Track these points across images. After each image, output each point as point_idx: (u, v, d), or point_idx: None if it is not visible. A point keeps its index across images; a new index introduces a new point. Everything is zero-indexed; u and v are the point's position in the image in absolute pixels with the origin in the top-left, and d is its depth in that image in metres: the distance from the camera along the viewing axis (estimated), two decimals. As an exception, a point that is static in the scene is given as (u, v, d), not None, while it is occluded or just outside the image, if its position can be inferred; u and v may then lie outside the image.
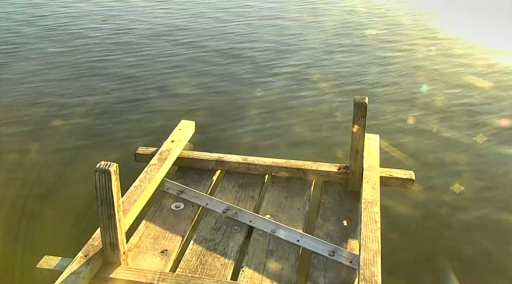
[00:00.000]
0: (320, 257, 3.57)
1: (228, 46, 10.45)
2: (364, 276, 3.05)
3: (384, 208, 4.05)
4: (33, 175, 5.67)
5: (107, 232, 3.17)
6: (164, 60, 9.54)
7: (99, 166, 2.97)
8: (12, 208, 5.08)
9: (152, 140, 5.77)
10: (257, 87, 8.30)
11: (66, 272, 3.09)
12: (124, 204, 3.64)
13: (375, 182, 4.03)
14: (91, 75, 8.73)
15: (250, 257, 3.57)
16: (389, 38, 11.37)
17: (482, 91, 8.36)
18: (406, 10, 14.30)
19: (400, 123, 7.13)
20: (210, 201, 4.17)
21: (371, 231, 3.43)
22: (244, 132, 6.78)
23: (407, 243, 4.72)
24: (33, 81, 8.41)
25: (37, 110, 7.31)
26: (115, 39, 10.83)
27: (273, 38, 11.12)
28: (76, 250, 3.33)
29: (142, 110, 7.39)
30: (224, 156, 4.68)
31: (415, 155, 6.15)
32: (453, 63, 9.71)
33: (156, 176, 4.09)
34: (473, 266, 4.51)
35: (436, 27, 12.49)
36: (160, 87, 8.26)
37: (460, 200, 5.39)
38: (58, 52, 9.91)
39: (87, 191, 4.56)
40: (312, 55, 10.00)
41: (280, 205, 4.18)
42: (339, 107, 7.53)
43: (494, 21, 13.36)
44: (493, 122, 7.18)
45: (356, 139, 4.14)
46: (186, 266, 3.49)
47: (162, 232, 3.82)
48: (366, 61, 9.74)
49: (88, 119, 7.11)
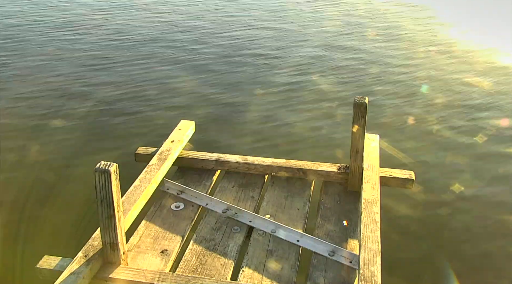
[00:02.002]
0: (320, 257, 3.57)
1: (228, 46, 10.45)
2: (364, 276, 3.05)
3: (384, 208, 4.05)
4: (33, 174, 5.67)
5: (107, 232, 3.17)
6: (164, 60, 9.54)
7: (99, 166, 2.96)
8: (12, 208, 5.08)
9: (152, 141, 5.77)
10: (257, 87, 8.31)
11: (66, 272, 3.09)
12: (124, 204, 3.64)
13: (375, 182, 4.03)
14: (91, 76, 8.73)
15: (250, 257, 3.57)
16: (389, 38, 11.38)
17: (482, 91, 8.36)
18: (406, 11, 14.30)
19: (400, 123, 7.13)
20: (210, 201, 4.17)
21: (371, 231, 3.43)
22: (244, 132, 6.78)
23: (407, 243, 4.72)
24: (33, 82, 8.41)
25: (37, 110, 7.31)
26: (115, 39, 10.83)
27: (273, 39, 11.13)
28: (76, 250, 3.32)
29: (142, 110, 7.39)
30: (224, 156, 4.67)
31: (415, 155, 6.15)
32: (453, 63, 9.71)
33: (156, 176, 4.09)
34: (473, 266, 4.51)
35: (436, 27, 12.50)
36: (160, 87, 8.26)
37: (460, 200, 5.39)
38: (58, 52, 9.92)
39: (87, 191, 4.56)
40: (312, 55, 10.01)
41: (280, 205, 4.18)
42: (339, 107, 7.53)
43: (494, 21, 13.37)
44: (493, 122, 7.18)
45: (356, 139, 4.13)
46: (186, 266, 3.49)
47: (162, 232, 3.82)
48: (366, 61, 9.74)
49: (88, 119, 7.11)
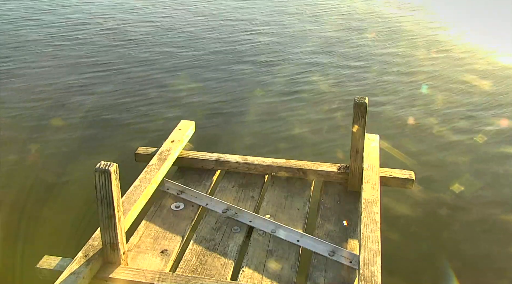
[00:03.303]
0: (320, 257, 3.57)
1: (228, 46, 10.45)
2: (364, 276, 3.05)
3: (384, 208, 4.05)
4: (33, 174, 5.67)
5: (107, 232, 3.17)
6: (164, 60, 9.54)
7: (99, 165, 2.96)
8: (12, 208, 5.08)
9: (152, 141, 5.76)
10: (257, 87, 8.30)
11: (66, 272, 3.08)
12: (124, 204, 3.64)
13: (375, 182, 4.02)
14: (91, 76, 8.72)
15: (250, 257, 3.57)
16: (390, 38, 11.37)
17: (482, 91, 8.36)
18: (406, 11, 14.29)
19: (400, 123, 7.13)
20: (210, 201, 4.17)
21: (371, 231, 3.43)
22: (244, 132, 6.78)
23: (407, 243, 4.72)
24: (32, 81, 8.40)
25: (37, 110, 7.31)
26: (115, 39, 10.83)
27: (273, 39, 11.12)
28: (76, 250, 3.32)
29: (142, 110, 7.39)
30: (224, 156, 4.67)
31: (415, 155, 6.15)
32: (453, 63, 9.72)
33: (156, 176, 4.09)
34: (473, 266, 4.51)
35: (436, 28, 12.50)
36: (160, 87, 8.25)
37: (460, 200, 5.39)
38: (58, 53, 9.91)
39: (87, 191, 4.55)
40: (313, 55, 10.00)
41: (280, 205, 4.18)
42: (339, 107, 7.53)
43: (494, 21, 13.36)
44: (493, 122, 7.18)
45: (356, 139, 4.13)
46: (186, 266, 3.48)
47: (162, 232, 3.82)
48: (366, 61, 9.74)
49: (88, 119, 7.10)
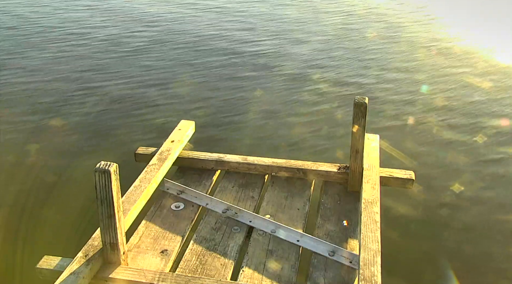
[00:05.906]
0: (320, 257, 3.57)
1: (228, 47, 10.45)
2: (364, 276, 3.05)
3: (384, 208, 4.05)
4: (33, 174, 5.67)
5: (107, 232, 3.17)
6: (164, 60, 9.54)
7: (99, 165, 2.96)
8: (12, 208, 5.08)
9: (152, 141, 5.76)
10: (257, 87, 8.31)
11: (66, 272, 3.08)
12: (124, 204, 3.64)
13: (375, 182, 4.02)
14: (91, 76, 8.72)
15: (250, 257, 3.57)
16: (390, 38, 11.37)
17: (482, 91, 8.36)
18: (406, 11, 14.30)
19: (400, 123, 7.13)
20: (210, 201, 4.17)
21: (371, 231, 3.43)
22: (244, 133, 6.78)
23: (407, 243, 4.72)
24: (32, 81, 8.41)
25: (37, 110, 7.31)
26: (115, 39, 10.83)
27: (273, 39, 11.12)
28: (76, 250, 3.32)
29: (142, 110, 7.39)
30: (224, 156, 4.67)
31: (415, 155, 6.15)
32: (453, 63, 9.71)
33: (156, 176, 4.09)
34: (473, 266, 4.51)
35: (436, 28, 12.50)
36: (160, 87, 8.25)
37: (460, 200, 5.39)
38: (58, 53, 9.91)
39: (87, 191, 4.55)
40: (313, 55, 10.00)
41: (280, 205, 4.18)
42: (339, 107, 7.52)
43: (494, 21, 13.36)
44: (493, 122, 7.18)
45: (356, 139, 4.13)
46: (186, 266, 3.48)
47: (162, 232, 3.82)
48: (366, 61, 9.74)
49: (88, 119, 7.11)
